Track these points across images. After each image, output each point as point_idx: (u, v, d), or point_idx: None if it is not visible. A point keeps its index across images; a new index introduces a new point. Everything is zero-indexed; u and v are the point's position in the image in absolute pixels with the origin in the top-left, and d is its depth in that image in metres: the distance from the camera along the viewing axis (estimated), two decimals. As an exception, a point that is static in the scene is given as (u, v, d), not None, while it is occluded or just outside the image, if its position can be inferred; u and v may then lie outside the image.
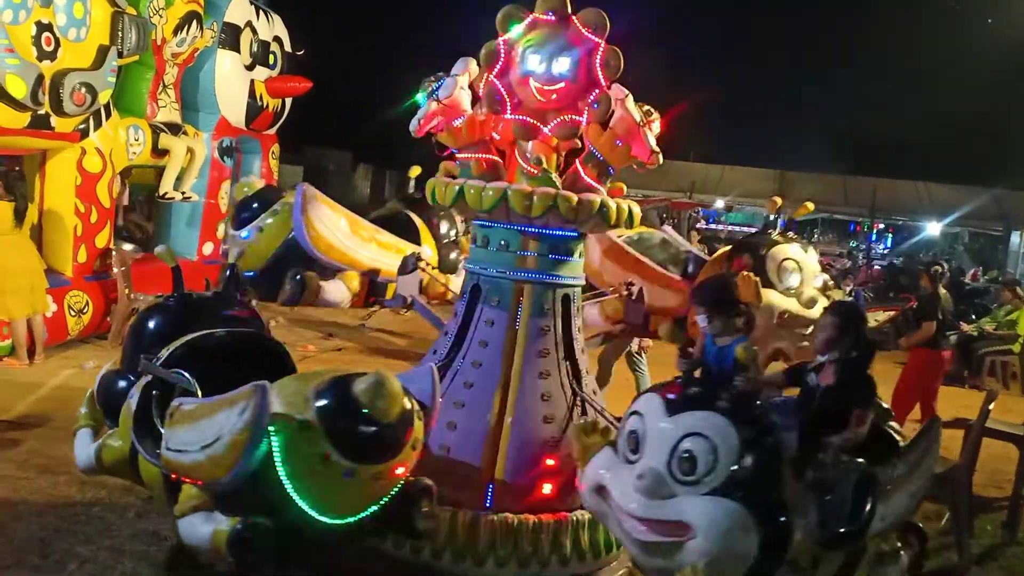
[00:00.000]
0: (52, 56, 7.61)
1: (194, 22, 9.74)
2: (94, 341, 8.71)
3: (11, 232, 7.56)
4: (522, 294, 4.42)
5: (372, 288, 11.18)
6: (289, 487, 3.27)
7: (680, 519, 3.23)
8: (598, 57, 4.22)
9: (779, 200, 8.29)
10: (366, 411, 3.28)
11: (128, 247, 9.63)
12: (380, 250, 11.02)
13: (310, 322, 10.98)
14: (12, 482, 5.03)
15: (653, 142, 4.31)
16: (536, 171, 4.34)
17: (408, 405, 3.43)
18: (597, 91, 4.23)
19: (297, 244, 10.54)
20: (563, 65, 4.24)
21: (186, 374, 3.76)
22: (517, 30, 4.36)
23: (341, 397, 3.31)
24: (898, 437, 4.01)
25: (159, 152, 9.51)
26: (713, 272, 7.24)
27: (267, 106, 11.35)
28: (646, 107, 4.47)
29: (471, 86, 4.47)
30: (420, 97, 4.50)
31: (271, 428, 3.24)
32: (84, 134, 8.28)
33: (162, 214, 10.78)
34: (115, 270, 8.72)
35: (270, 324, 6.02)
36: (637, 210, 4.52)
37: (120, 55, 8.34)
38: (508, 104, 4.35)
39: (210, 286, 5.32)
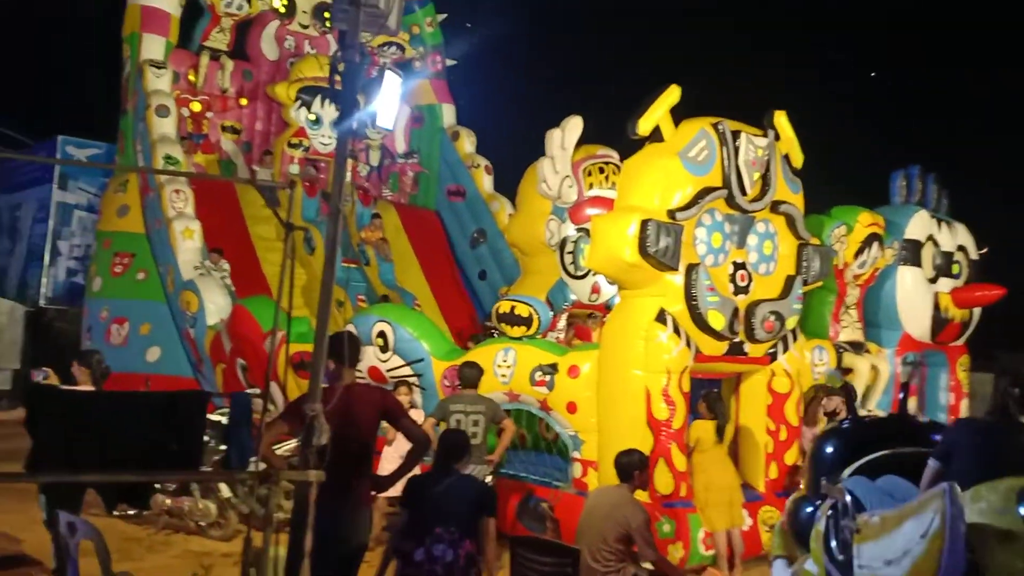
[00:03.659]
0: (745, 290, 8.52)
1: (875, 244, 10.10)
2: (785, 557, 8.96)
3: (713, 448, 8.37)
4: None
5: None
6: None
7: None
8: None
9: None
10: None
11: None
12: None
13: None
14: None
15: None
16: None
17: None
18: None
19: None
20: None
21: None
22: None
23: None
24: None
25: (843, 370, 9.79)
26: None
27: (953, 318, 10.93)
28: None
29: None
30: None
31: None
32: (773, 357, 8.93)
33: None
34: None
35: None
36: None
37: (805, 283, 8.97)
38: None
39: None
